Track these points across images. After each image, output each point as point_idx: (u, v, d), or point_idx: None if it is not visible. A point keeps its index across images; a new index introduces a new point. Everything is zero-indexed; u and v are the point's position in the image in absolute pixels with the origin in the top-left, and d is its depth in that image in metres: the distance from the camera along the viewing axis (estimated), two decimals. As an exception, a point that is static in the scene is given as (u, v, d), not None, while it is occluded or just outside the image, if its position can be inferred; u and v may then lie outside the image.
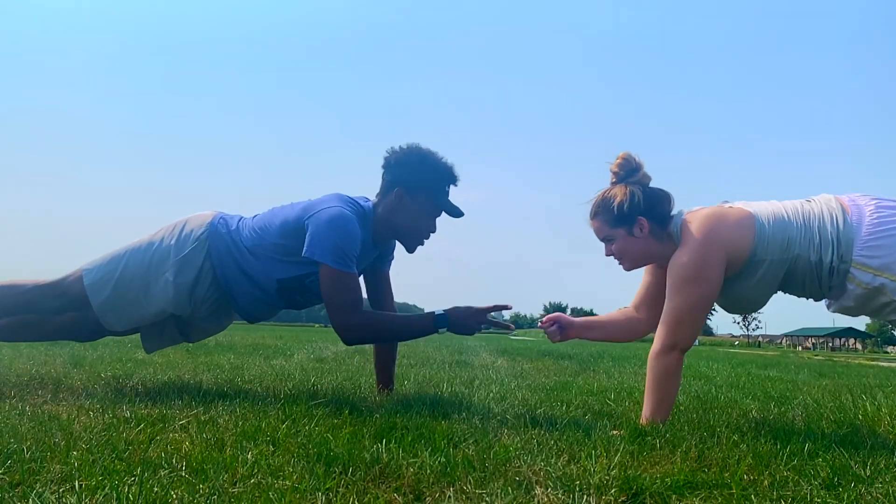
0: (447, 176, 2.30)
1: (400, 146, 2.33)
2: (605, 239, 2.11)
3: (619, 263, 2.12)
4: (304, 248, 2.15)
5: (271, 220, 2.29)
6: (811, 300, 2.07)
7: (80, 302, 2.29)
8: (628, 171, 2.06)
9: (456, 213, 2.33)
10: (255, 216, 2.40)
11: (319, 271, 2.16)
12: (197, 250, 2.28)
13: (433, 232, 2.36)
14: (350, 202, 2.26)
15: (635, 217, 2.02)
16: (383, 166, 2.33)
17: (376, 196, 2.36)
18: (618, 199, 2.03)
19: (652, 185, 2.08)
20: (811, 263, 1.88)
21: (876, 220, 1.82)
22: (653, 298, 2.22)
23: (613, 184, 2.08)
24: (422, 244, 2.38)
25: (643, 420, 1.91)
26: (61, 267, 2.38)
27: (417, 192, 2.27)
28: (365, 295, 2.47)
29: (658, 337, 1.95)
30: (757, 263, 1.92)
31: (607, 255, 2.14)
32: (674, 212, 2.06)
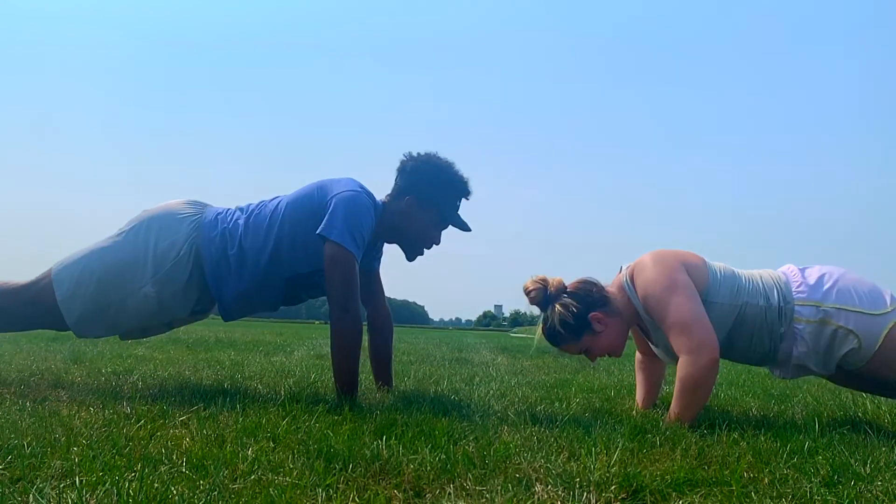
0: (461, 190, 2.29)
1: (418, 153, 2.31)
2: (581, 353, 2.14)
3: (611, 356, 2.16)
4: (322, 226, 2.07)
5: (275, 215, 2.20)
6: (759, 365, 2.15)
7: (53, 313, 2.15)
8: (544, 296, 2.11)
9: (464, 228, 2.32)
10: (241, 208, 2.29)
11: (327, 250, 2.07)
12: (181, 264, 2.15)
13: (437, 244, 2.34)
14: (368, 192, 2.23)
15: (586, 319, 2.06)
16: (398, 170, 2.31)
17: (386, 197, 2.34)
18: (558, 321, 2.06)
19: (567, 279, 2.14)
20: (760, 309, 1.98)
21: (801, 268, 2.05)
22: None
23: (543, 312, 2.12)
24: (422, 254, 2.36)
25: (668, 419, 1.89)
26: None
27: (429, 203, 2.25)
28: None
29: (679, 352, 1.91)
30: (709, 306, 1.96)
31: (594, 361, 2.20)
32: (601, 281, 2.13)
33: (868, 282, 1.99)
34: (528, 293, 2.13)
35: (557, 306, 2.07)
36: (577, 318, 2.05)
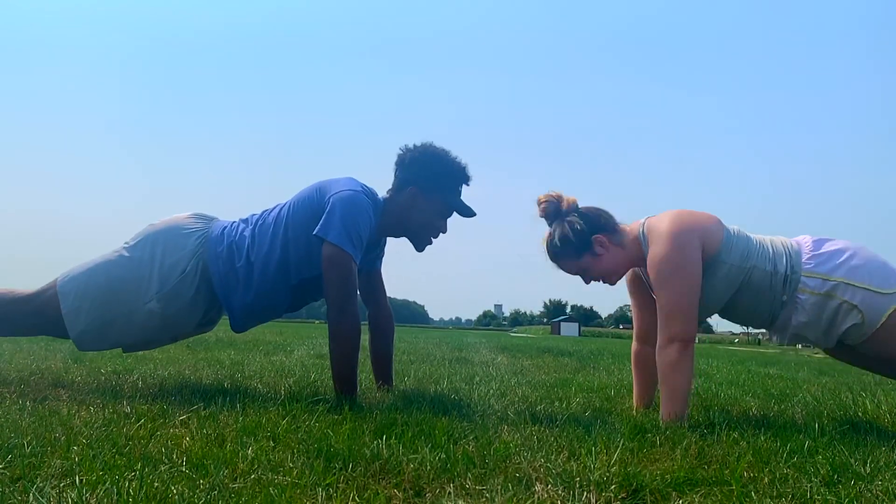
0: (461, 176, 2.29)
1: (414, 144, 2.31)
2: (578, 272, 2.17)
3: (605, 283, 2.19)
4: (319, 227, 2.07)
5: (279, 221, 2.19)
6: (757, 327, 2.18)
7: (58, 323, 2.16)
8: (554, 209, 2.14)
9: (468, 213, 2.32)
10: (245, 220, 2.29)
11: (325, 251, 2.06)
12: (188, 279, 2.15)
13: (444, 232, 2.34)
14: (368, 191, 2.23)
15: (589, 238, 2.09)
16: (397, 163, 2.31)
17: (388, 192, 2.34)
18: (562, 235, 2.10)
19: (584, 203, 2.16)
20: (767, 274, 1.99)
21: (815, 239, 2.05)
22: (651, 320, 2.25)
23: (550, 226, 2.15)
24: (430, 243, 2.37)
25: (663, 418, 1.91)
26: (62, 263, 2.32)
27: (431, 191, 2.25)
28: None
29: (658, 334, 1.97)
30: (719, 264, 1.99)
31: (588, 283, 2.22)
32: (619, 221, 2.16)
33: (881, 259, 1.99)
34: (539, 204, 2.16)
35: (563, 221, 2.11)
36: (581, 235, 2.08)
